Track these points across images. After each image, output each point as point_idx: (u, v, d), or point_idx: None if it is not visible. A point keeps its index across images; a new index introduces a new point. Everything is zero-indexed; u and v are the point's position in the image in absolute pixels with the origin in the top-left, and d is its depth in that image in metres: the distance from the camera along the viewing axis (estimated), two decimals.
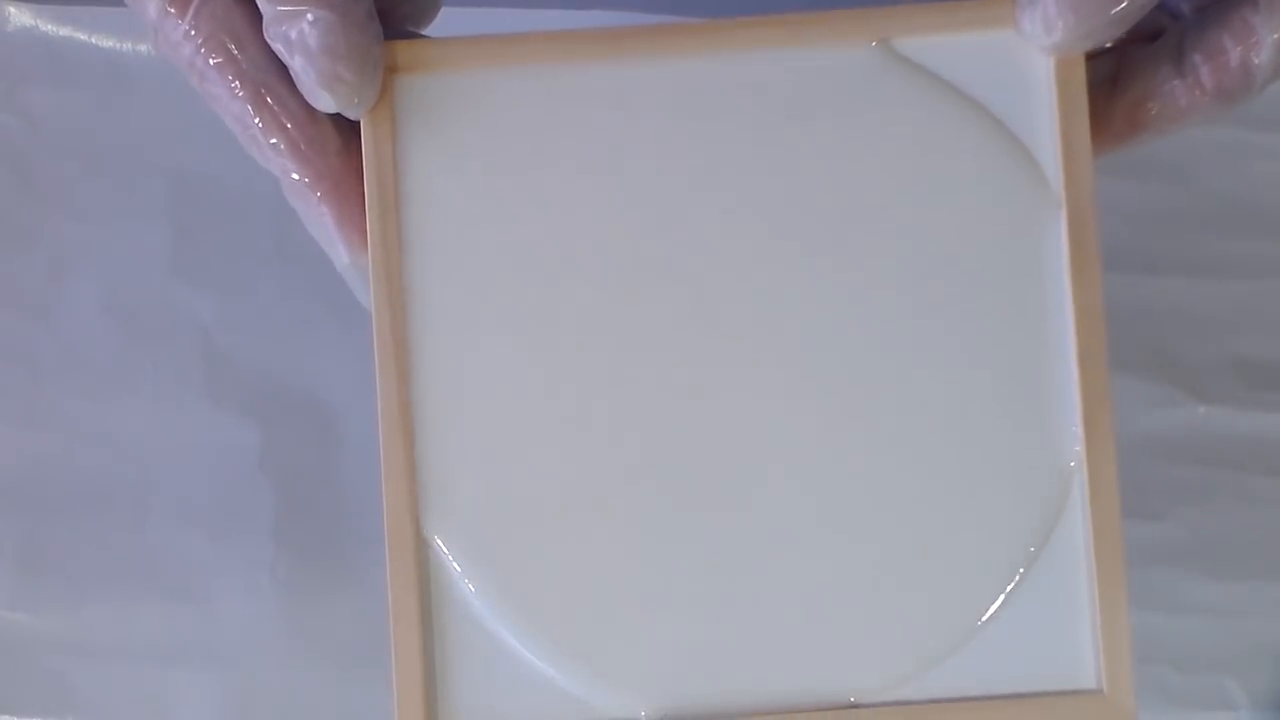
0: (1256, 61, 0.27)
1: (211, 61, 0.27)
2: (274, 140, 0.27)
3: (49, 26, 0.40)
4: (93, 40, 0.40)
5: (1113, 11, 0.25)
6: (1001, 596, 0.26)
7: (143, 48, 0.40)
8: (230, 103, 0.27)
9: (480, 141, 0.27)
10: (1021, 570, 0.26)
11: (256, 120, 0.27)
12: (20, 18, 0.40)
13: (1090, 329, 0.26)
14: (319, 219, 0.27)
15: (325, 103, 0.26)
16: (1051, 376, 0.26)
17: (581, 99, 0.27)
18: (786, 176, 0.27)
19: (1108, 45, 0.27)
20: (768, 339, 0.27)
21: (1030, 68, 0.27)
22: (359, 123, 0.27)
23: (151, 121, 0.39)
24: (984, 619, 0.26)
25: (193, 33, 0.26)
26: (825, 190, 0.27)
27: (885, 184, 0.27)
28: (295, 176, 0.27)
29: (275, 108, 0.27)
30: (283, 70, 0.26)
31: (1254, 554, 0.38)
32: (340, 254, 0.27)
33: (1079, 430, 0.26)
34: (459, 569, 0.26)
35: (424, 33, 0.29)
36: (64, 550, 0.38)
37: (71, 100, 0.39)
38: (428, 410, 0.27)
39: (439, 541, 0.26)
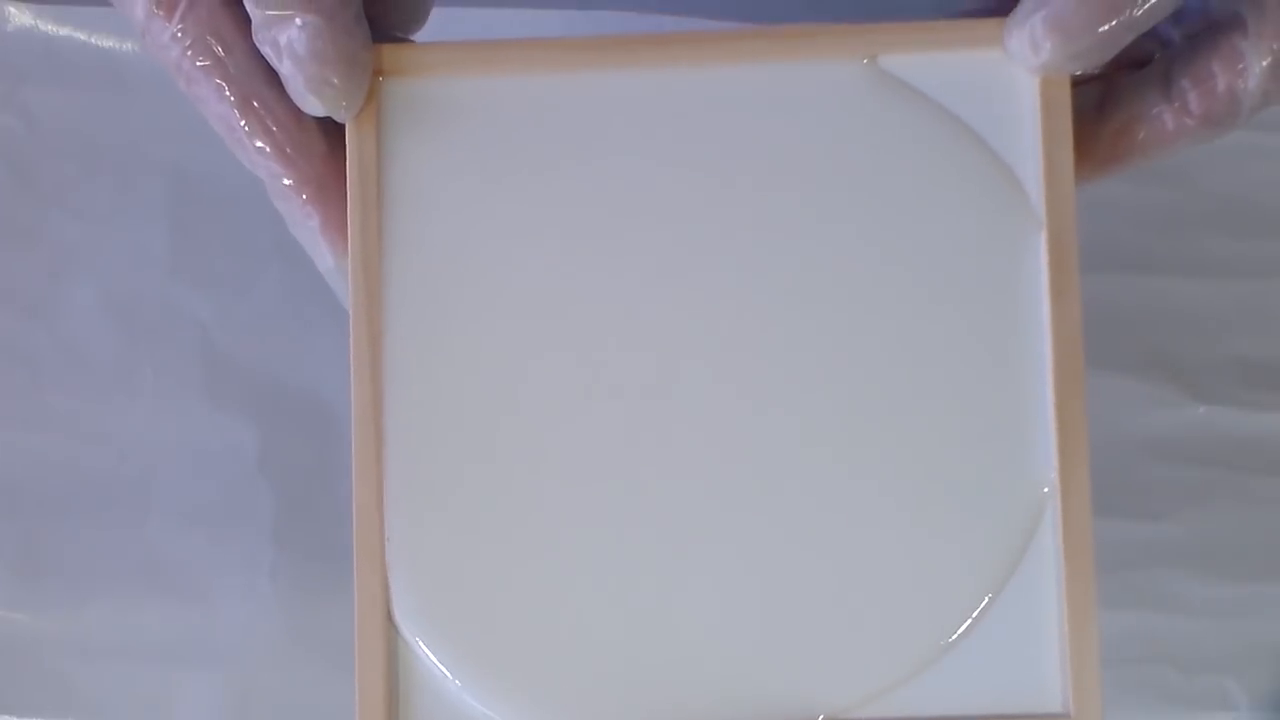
0: (1244, 88, 0.26)
1: (198, 64, 0.27)
2: (260, 144, 0.27)
3: (49, 26, 0.40)
4: (92, 40, 0.40)
5: (1100, 30, 0.25)
6: (971, 618, 0.26)
7: None
8: (217, 105, 0.27)
9: (465, 146, 0.27)
10: (992, 592, 0.26)
11: (243, 123, 0.27)
12: (20, 18, 0.40)
13: (1067, 352, 0.26)
14: (304, 222, 0.27)
15: (313, 106, 0.26)
16: (1027, 399, 0.26)
17: (567, 107, 0.27)
18: (770, 187, 0.27)
19: (1096, 72, 0.27)
20: (745, 355, 0.27)
21: (1016, 88, 0.27)
22: (345, 127, 0.27)
23: (151, 121, 0.39)
24: (953, 639, 0.26)
25: (180, 35, 0.26)
26: (809, 202, 0.27)
27: (868, 199, 0.27)
28: (282, 181, 0.27)
29: (261, 111, 0.27)
30: (270, 74, 0.26)
31: (1254, 554, 0.38)
32: (324, 257, 0.27)
33: (1053, 455, 0.26)
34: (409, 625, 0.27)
35: (414, 39, 0.29)
36: (64, 550, 0.38)
37: (71, 100, 0.39)
38: (399, 414, 0.27)
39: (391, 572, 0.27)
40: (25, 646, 0.38)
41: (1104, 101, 0.28)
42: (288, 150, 0.27)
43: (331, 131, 0.27)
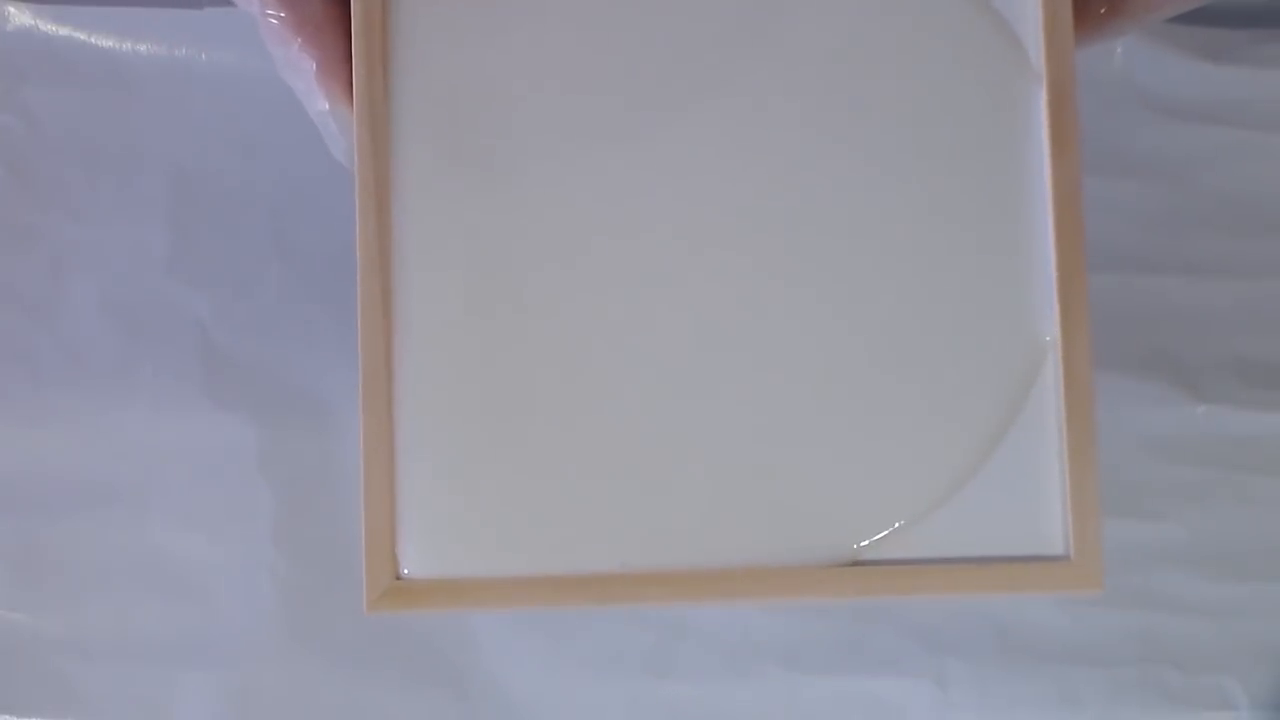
0: None
1: None
2: None
3: (49, 26, 0.40)
4: (93, 40, 0.40)
5: None
6: (975, 463, 0.27)
7: (143, 47, 0.40)
8: None
9: None
10: (995, 439, 0.27)
11: None
12: (20, 18, 0.40)
13: (1068, 205, 0.27)
14: (297, 65, 0.27)
15: None
16: (1029, 251, 0.27)
17: None
18: (765, 46, 0.27)
19: None
20: (745, 214, 0.27)
21: None
22: None
23: (151, 121, 0.39)
24: (956, 484, 0.27)
25: None
26: (803, 60, 0.27)
27: (864, 54, 0.27)
28: (274, 20, 0.27)
29: None
30: None
31: (1254, 554, 0.38)
32: (318, 101, 0.27)
33: (1054, 305, 0.27)
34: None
35: None
36: (64, 550, 0.38)
37: (71, 100, 0.39)
38: (406, 258, 0.27)
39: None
40: (25, 646, 0.38)
41: None
42: None
43: None
